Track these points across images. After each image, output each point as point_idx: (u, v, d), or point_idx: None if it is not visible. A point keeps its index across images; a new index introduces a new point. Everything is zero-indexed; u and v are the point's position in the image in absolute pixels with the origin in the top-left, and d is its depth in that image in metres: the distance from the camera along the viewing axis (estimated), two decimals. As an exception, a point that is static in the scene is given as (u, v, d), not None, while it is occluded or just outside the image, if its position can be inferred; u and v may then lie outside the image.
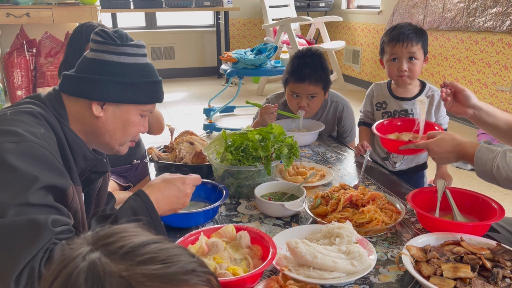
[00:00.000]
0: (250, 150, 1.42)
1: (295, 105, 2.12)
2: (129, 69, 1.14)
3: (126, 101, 1.16)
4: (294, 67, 2.08)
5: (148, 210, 1.08)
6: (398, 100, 2.00)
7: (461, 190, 1.37)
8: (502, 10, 3.90)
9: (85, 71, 1.14)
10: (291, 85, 2.10)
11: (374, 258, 1.05)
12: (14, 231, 0.88)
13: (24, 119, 1.05)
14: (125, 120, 1.18)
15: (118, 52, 1.13)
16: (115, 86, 1.13)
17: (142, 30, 6.57)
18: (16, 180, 0.93)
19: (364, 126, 2.12)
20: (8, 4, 4.73)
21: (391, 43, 1.89)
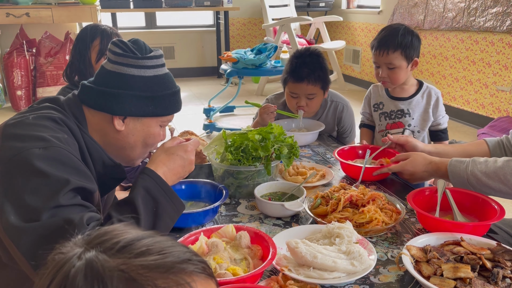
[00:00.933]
0: (250, 150, 1.42)
1: (294, 105, 2.12)
2: (150, 82, 1.14)
3: (148, 115, 1.16)
4: (293, 67, 2.07)
5: (159, 185, 1.08)
6: (394, 100, 2.00)
7: (461, 190, 1.36)
8: (502, 10, 3.90)
9: (105, 85, 1.13)
10: (290, 85, 2.10)
11: (374, 258, 1.05)
12: (51, 232, 0.89)
13: (47, 124, 1.06)
14: (146, 133, 1.18)
15: (138, 65, 1.12)
16: (136, 101, 1.12)
17: (142, 30, 6.58)
18: (46, 184, 0.94)
19: (364, 128, 2.13)
20: (8, 4, 4.73)
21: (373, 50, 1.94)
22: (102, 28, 2.01)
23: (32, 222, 0.90)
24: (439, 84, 4.81)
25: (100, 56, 1.98)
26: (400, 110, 1.99)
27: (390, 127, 2.02)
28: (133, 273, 0.49)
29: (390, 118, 2.01)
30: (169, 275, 0.51)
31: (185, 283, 0.51)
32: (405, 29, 1.88)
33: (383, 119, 2.03)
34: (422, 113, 1.99)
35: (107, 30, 2.01)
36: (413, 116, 1.99)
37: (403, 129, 2.00)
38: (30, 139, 1.00)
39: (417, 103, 1.98)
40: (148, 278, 0.49)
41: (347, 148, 1.78)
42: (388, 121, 2.01)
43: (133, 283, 0.49)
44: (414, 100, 1.98)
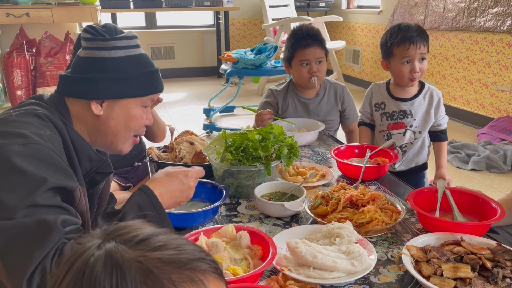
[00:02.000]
0: (250, 150, 1.42)
1: (306, 74, 2.19)
2: (121, 63, 1.11)
3: (124, 96, 1.13)
4: (298, 37, 2.19)
5: (154, 205, 1.07)
6: (396, 100, 2.00)
7: (461, 190, 1.37)
8: (502, 10, 3.90)
9: (79, 71, 1.12)
10: (299, 53, 2.18)
11: (374, 258, 1.05)
12: (24, 232, 0.88)
13: (29, 120, 1.04)
14: (126, 115, 1.16)
15: (108, 47, 1.11)
16: (110, 83, 1.11)
17: (142, 30, 6.57)
18: (24, 182, 0.93)
19: (364, 127, 2.12)
20: (8, 4, 4.73)
21: (403, 45, 1.86)
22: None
23: (5, 220, 0.89)
24: (439, 84, 4.81)
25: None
26: (402, 110, 1.98)
27: (392, 127, 2.02)
28: (150, 265, 0.50)
29: (392, 118, 2.00)
30: (184, 270, 0.52)
31: (199, 280, 0.52)
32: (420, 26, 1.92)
33: (384, 119, 2.02)
34: (424, 114, 1.98)
35: None
36: (415, 117, 1.98)
37: (404, 130, 2.00)
38: (10, 135, 0.98)
39: (419, 104, 1.98)
40: (164, 271, 0.51)
41: (343, 147, 1.79)
42: (390, 122, 2.01)
43: (149, 274, 0.50)
44: (417, 101, 1.98)
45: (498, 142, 3.66)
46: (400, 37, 1.87)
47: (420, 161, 2.08)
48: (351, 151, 1.78)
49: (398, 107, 1.99)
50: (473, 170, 3.39)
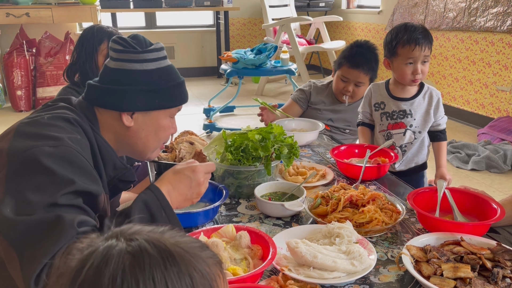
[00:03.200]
0: (250, 150, 1.42)
1: (341, 88, 2.30)
2: (153, 75, 1.13)
3: (155, 108, 1.15)
4: (352, 53, 2.26)
5: (161, 203, 1.06)
6: (396, 100, 1.99)
7: (461, 190, 1.37)
8: (503, 10, 3.90)
9: (110, 82, 1.13)
10: (344, 69, 2.28)
11: (374, 258, 1.05)
12: (40, 227, 0.89)
13: (61, 124, 1.06)
14: (155, 126, 1.18)
15: (140, 59, 1.12)
16: (142, 95, 1.12)
17: (142, 30, 6.57)
18: (51, 182, 0.94)
19: (363, 127, 2.12)
20: (8, 4, 4.73)
21: (409, 46, 1.84)
22: (109, 31, 2.00)
23: (25, 216, 0.90)
24: (439, 84, 4.81)
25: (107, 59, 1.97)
26: (402, 110, 1.98)
27: (392, 127, 2.02)
28: (187, 249, 0.53)
29: (391, 118, 2.00)
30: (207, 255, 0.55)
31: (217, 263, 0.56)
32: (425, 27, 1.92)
33: (384, 119, 2.02)
34: (423, 114, 1.98)
35: (113, 33, 2.01)
36: (415, 116, 1.98)
37: (404, 130, 1.99)
38: (42, 137, 1.00)
39: (419, 104, 1.98)
40: (197, 254, 0.54)
41: (343, 147, 1.79)
42: (390, 121, 2.01)
43: (190, 257, 0.53)
44: (416, 101, 1.97)
45: (498, 142, 3.66)
46: (406, 37, 1.86)
47: (420, 161, 2.08)
48: (351, 151, 1.78)
49: (398, 107, 1.99)
50: (473, 170, 3.39)
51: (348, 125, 2.38)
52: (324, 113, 2.38)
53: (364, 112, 2.10)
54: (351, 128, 2.38)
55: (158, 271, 0.49)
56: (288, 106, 2.42)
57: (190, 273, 0.51)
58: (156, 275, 0.49)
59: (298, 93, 2.45)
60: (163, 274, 0.49)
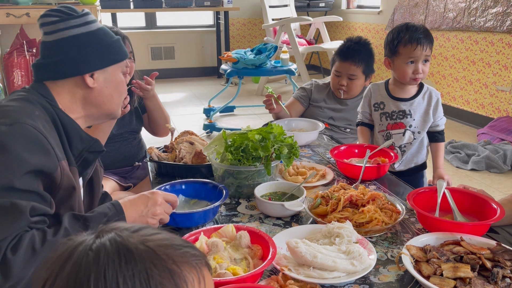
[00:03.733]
0: (250, 150, 1.42)
1: (336, 84, 2.34)
2: (97, 34, 1.19)
3: (110, 63, 1.21)
4: (342, 47, 2.32)
5: (117, 210, 1.11)
6: (396, 100, 2.00)
7: (460, 190, 1.37)
8: (502, 10, 3.90)
9: (59, 53, 1.15)
10: (336, 64, 2.33)
11: (374, 258, 1.06)
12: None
13: (18, 104, 1.08)
14: (115, 82, 1.24)
15: (82, 23, 1.17)
16: (96, 54, 1.17)
17: (142, 30, 6.57)
18: (4, 162, 0.95)
19: (362, 127, 2.12)
20: (8, 4, 4.73)
21: (410, 45, 1.85)
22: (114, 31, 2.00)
23: None
24: (439, 84, 4.81)
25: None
26: (401, 110, 1.98)
27: (391, 127, 2.02)
28: (154, 247, 0.53)
29: (391, 118, 2.00)
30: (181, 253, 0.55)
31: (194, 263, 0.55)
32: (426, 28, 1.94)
33: (384, 119, 2.02)
34: (423, 114, 1.98)
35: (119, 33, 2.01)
36: (414, 117, 1.98)
37: (404, 130, 2.00)
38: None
39: (418, 104, 1.98)
40: (166, 252, 0.53)
41: (343, 147, 1.79)
42: (389, 122, 2.01)
43: (155, 255, 0.52)
44: (416, 101, 1.98)
45: (498, 142, 3.66)
46: (408, 37, 1.86)
47: (419, 161, 2.08)
48: (351, 151, 1.78)
49: (397, 107, 1.99)
50: (473, 170, 3.39)
51: (349, 124, 2.39)
52: (326, 111, 2.39)
53: (363, 112, 2.10)
54: (352, 127, 2.39)
55: (110, 268, 0.50)
56: (290, 104, 2.44)
57: (149, 271, 0.51)
58: (108, 272, 0.50)
59: (299, 91, 2.48)
60: (115, 271, 0.50)
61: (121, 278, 0.49)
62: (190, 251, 0.56)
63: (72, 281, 0.50)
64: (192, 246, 0.58)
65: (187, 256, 0.55)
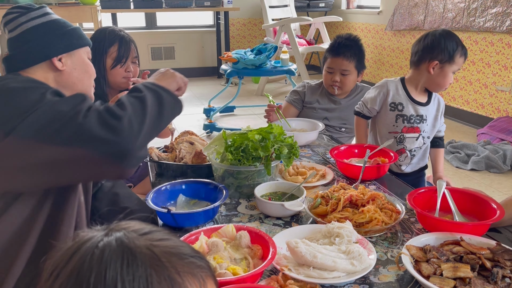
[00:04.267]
0: (250, 150, 1.42)
1: (329, 80, 2.32)
2: (57, 22, 1.29)
3: (75, 47, 1.30)
4: (332, 44, 2.31)
5: (155, 84, 1.22)
6: (415, 104, 1.95)
7: (461, 190, 1.37)
8: (502, 10, 3.90)
9: (26, 43, 1.23)
10: (328, 61, 2.31)
11: (374, 257, 1.06)
12: (66, 102, 1.08)
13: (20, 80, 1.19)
14: (83, 64, 1.33)
15: (41, 14, 1.26)
16: (58, 39, 1.27)
17: (142, 30, 6.58)
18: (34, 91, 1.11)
19: (361, 118, 2.07)
20: (8, 4, 4.72)
21: (464, 58, 1.92)
22: (121, 35, 2.02)
23: None
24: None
25: (116, 63, 1.99)
26: (419, 115, 1.95)
27: (407, 131, 1.97)
28: (159, 254, 0.53)
29: (409, 122, 1.95)
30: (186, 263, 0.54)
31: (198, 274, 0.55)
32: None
33: (400, 121, 1.96)
34: (433, 119, 1.99)
35: (125, 37, 2.02)
36: (428, 122, 1.97)
37: (418, 135, 1.97)
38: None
39: (431, 110, 1.98)
40: (171, 261, 0.53)
41: (343, 147, 1.79)
42: (406, 125, 1.96)
43: (158, 262, 0.52)
44: (430, 107, 1.97)
45: (497, 142, 3.66)
46: (464, 50, 1.89)
47: (423, 164, 2.10)
48: (351, 151, 1.78)
49: (416, 111, 1.95)
50: (473, 170, 3.39)
51: (344, 123, 2.38)
52: (320, 112, 2.38)
53: (371, 108, 2.01)
54: (347, 126, 2.38)
55: (112, 268, 0.50)
56: (284, 109, 2.41)
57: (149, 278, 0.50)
58: (108, 272, 0.50)
59: (292, 95, 2.46)
60: (116, 271, 0.50)
61: (120, 281, 0.49)
62: (196, 261, 0.55)
63: (74, 276, 0.51)
64: (200, 256, 0.57)
65: (192, 266, 0.54)
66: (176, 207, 1.36)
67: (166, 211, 1.24)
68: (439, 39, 1.86)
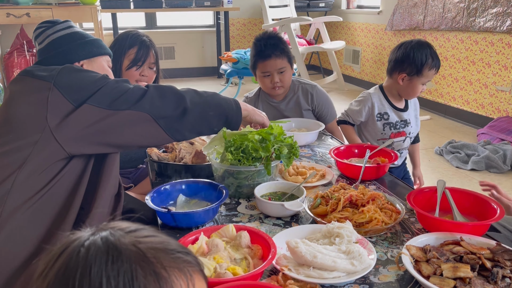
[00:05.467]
0: (250, 151, 1.42)
1: (269, 84, 2.24)
2: (78, 34, 1.43)
3: (95, 54, 1.45)
4: (258, 49, 2.21)
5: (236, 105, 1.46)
6: (398, 111, 2.14)
7: (461, 190, 1.37)
8: (502, 10, 3.90)
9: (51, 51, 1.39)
10: (260, 65, 2.22)
11: (374, 257, 1.06)
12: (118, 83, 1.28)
13: None
14: (102, 70, 1.44)
15: (65, 27, 1.42)
16: (82, 47, 1.42)
17: (142, 30, 6.56)
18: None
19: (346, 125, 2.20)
20: (8, 4, 4.73)
21: (434, 71, 2.01)
22: (143, 39, 2.04)
23: None
24: (439, 84, 4.81)
25: (132, 65, 2.01)
26: (403, 120, 2.14)
27: (395, 136, 2.16)
28: (144, 250, 0.53)
29: (395, 128, 2.14)
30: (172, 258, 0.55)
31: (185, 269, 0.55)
32: None
33: (387, 128, 2.14)
34: (414, 119, 2.18)
35: (146, 41, 2.04)
36: (412, 124, 2.17)
37: (405, 138, 2.16)
38: None
39: (411, 112, 2.17)
40: (156, 256, 0.53)
41: (343, 147, 1.79)
42: (393, 131, 2.14)
43: (143, 257, 0.53)
44: (410, 110, 2.17)
45: (497, 142, 3.67)
46: (434, 63, 1.97)
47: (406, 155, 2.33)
48: (351, 151, 1.78)
49: (400, 117, 2.14)
50: (473, 170, 3.39)
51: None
52: (270, 115, 2.33)
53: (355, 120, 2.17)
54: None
55: (97, 265, 0.51)
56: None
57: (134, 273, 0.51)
58: (93, 268, 0.51)
59: None
60: (101, 268, 0.51)
61: (105, 276, 0.50)
62: (183, 256, 0.56)
63: (61, 274, 0.52)
64: (187, 252, 0.57)
65: (178, 261, 0.55)
66: (176, 207, 1.36)
67: (166, 211, 1.24)
68: (409, 52, 1.98)
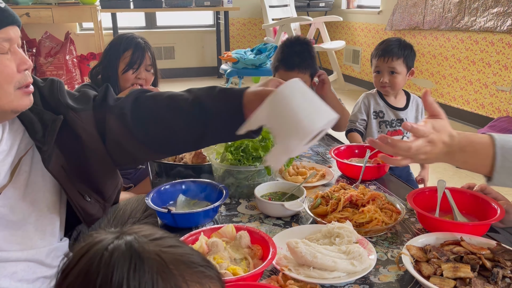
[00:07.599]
0: (250, 150, 1.42)
1: None
2: None
3: None
4: (284, 56, 2.13)
5: None
6: (394, 109, 2.19)
7: (461, 190, 1.37)
8: (502, 10, 3.90)
9: None
10: (281, 72, 2.15)
11: (374, 258, 1.06)
12: None
13: None
14: None
15: None
16: None
17: (142, 30, 6.57)
18: None
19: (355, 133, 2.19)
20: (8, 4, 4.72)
21: (377, 57, 2.10)
22: (137, 41, 2.04)
23: None
24: (439, 84, 4.81)
25: (128, 68, 2.01)
26: (399, 119, 2.19)
27: (391, 134, 2.20)
28: (167, 261, 0.52)
29: (391, 126, 2.19)
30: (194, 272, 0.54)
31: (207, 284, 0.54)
32: (404, 42, 2.14)
33: (384, 127, 2.19)
34: (413, 120, 2.21)
35: (141, 43, 2.04)
36: None
37: (402, 136, 2.19)
38: None
39: (411, 113, 2.21)
40: (179, 269, 0.53)
41: (343, 147, 1.79)
42: (389, 129, 2.19)
43: (166, 269, 0.52)
44: (408, 110, 2.21)
45: (498, 142, 3.66)
46: (379, 52, 2.14)
47: None
48: (351, 151, 1.78)
49: (396, 116, 2.19)
50: (473, 170, 3.39)
51: None
52: None
53: (360, 121, 2.20)
54: None
55: (118, 272, 0.50)
56: None
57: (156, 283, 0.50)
58: (115, 275, 0.50)
59: None
60: (123, 275, 0.50)
61: (125, 285, 0.49)
62: (206, 271, 0.55)
63: (82, 277, 0.51)
64: (210, 266, 0.57)
65: (200, 276, 0.54)
66: (176, 207, 1.36)
67: (166, 211, 1.24)
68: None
